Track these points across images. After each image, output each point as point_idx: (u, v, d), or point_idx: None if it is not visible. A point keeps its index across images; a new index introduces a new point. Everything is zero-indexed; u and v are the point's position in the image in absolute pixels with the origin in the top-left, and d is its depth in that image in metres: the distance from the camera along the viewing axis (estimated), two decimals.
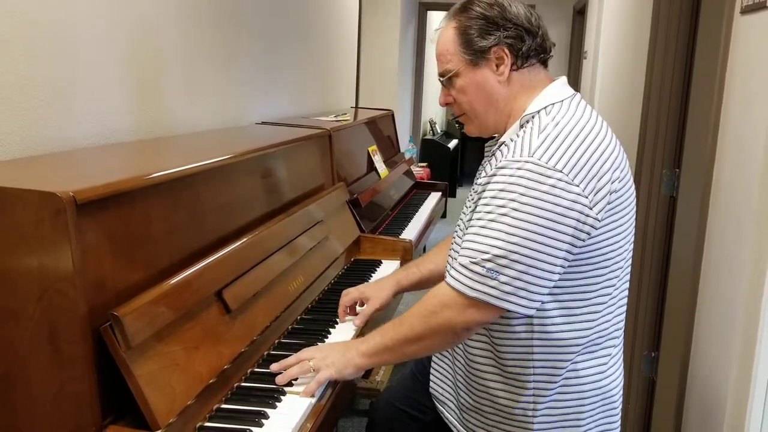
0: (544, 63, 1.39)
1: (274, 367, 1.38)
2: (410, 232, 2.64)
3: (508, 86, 1.36)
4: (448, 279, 1.27)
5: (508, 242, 1.19)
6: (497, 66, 1.34)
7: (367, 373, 2.78)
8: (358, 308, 1.72)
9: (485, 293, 1.21)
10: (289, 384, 1.35)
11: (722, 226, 1.79)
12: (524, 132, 1.28)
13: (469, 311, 1.24)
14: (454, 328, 1.27)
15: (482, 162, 1.55)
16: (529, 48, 1.34)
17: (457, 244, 1.41)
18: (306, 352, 1.40)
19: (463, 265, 1.24)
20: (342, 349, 1.39)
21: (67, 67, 1.52)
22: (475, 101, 1.38)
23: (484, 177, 1.29)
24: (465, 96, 1.38)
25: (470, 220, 1.30)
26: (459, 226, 1.47)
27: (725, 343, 1.68)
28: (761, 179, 1.53)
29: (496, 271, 1.20)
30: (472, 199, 1.35)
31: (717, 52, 1.92)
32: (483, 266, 1.21)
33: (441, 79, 1.40)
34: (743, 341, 1.57)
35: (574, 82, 6.16)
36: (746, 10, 1.70)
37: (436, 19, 8.54)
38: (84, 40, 1.57)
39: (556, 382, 1.33)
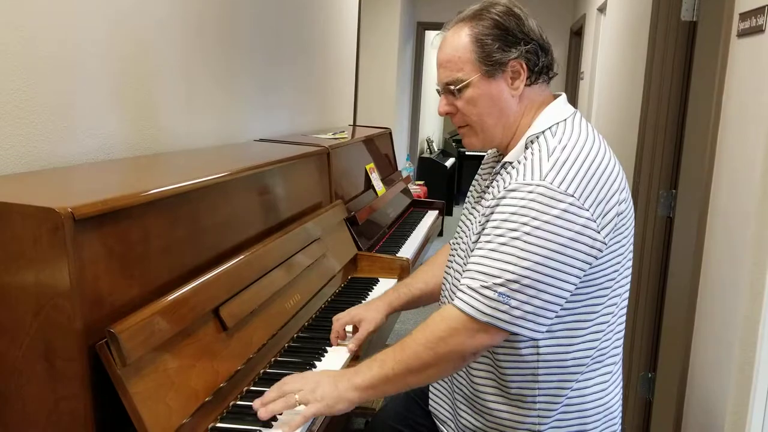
0: (549, 80, 1.38)
1: (256, 404, 1.25)
2: (407, 250, 2.64)
3: (520, 102, 1.34)
4: (458, 303, 1.23)
5: (520, 267, 1.18)
6: (512, 80, 1.31)
7: None
8: (348, 329, 1.67)
9: (496, 318, 1.20)
10: (272, 421, 1.25)
11: (719, 246, 1.79)
12: (531, 153, 1.27)
13: (479, 335, 1.22)
14: (464, 353, 1.24)
15: (476, 177, 1.54)
16: (543, 64, 1.33)
17: (457, 264, 1.40)
18: (291, 384, 1.26)
19: (473, 289, 1.22)
20: (333, 380, 1.26)
21: (67, 83, 1.53)
22: (485, 114, 1.33)
23: (493, 199, 1.27)
24: (474, 107, 1.33)
25: (476, 242, 1.28)
26: (458, 244, 1.45)
27: (723, 363, 1.68)
28: (758, 200, 1.54)
29: (508, 296, 1.19)
30: (479, 222, 1.31)
31: (714, 75, 1.93)
32: (495, 290, 1.19)
33: (451, 87, 1.33)
34: (741, 362, 1.57)
35: (571, 103, 6.18)
36: (743, 34, 1.72)
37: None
38: (84, 56, 1.58)
39: (560, 402, 1.33)
